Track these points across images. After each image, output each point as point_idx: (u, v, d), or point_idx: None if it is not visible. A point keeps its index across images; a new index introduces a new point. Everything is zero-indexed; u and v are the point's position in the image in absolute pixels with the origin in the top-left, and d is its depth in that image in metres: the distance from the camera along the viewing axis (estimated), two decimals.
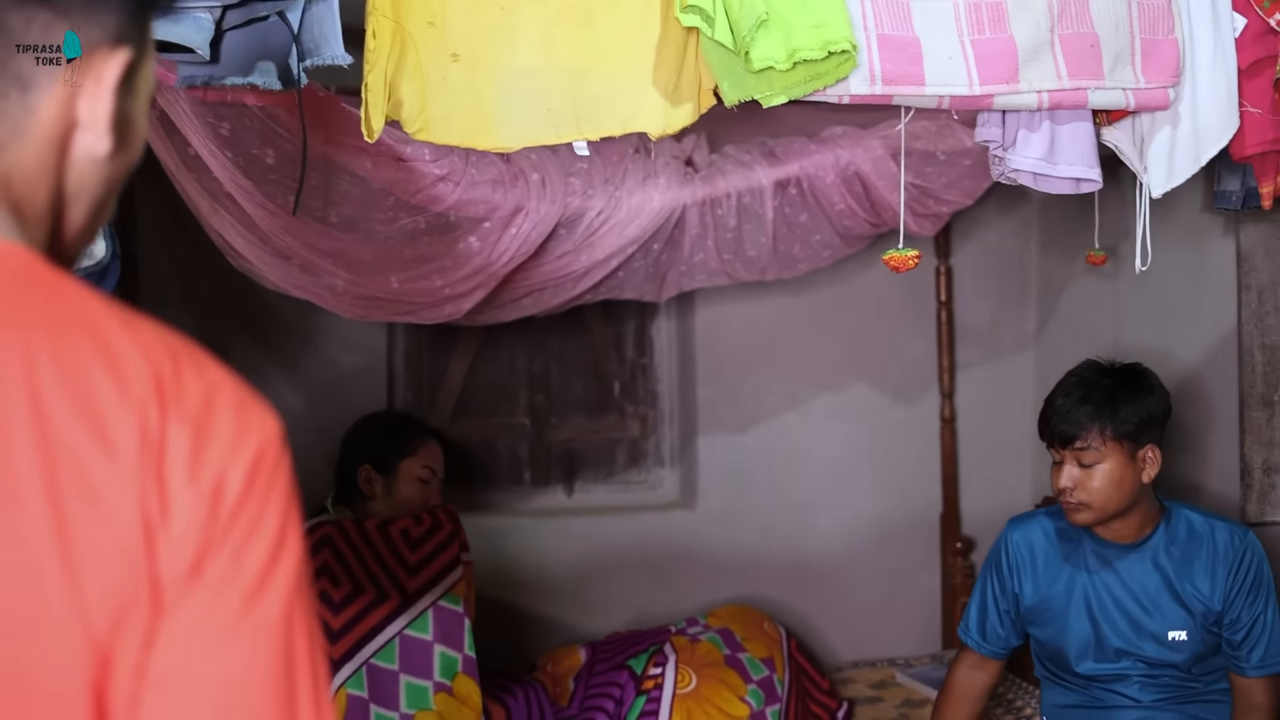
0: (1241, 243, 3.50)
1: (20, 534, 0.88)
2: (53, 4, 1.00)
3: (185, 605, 0.92)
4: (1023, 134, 2.63)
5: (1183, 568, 2.94)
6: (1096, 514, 2.88)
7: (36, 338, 0.92)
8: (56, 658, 0.88)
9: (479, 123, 2.45)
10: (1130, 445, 2.84)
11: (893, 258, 2.65)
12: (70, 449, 0.90)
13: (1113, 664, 2.99)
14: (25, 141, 1.02)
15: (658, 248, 3.56)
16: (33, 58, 1.00)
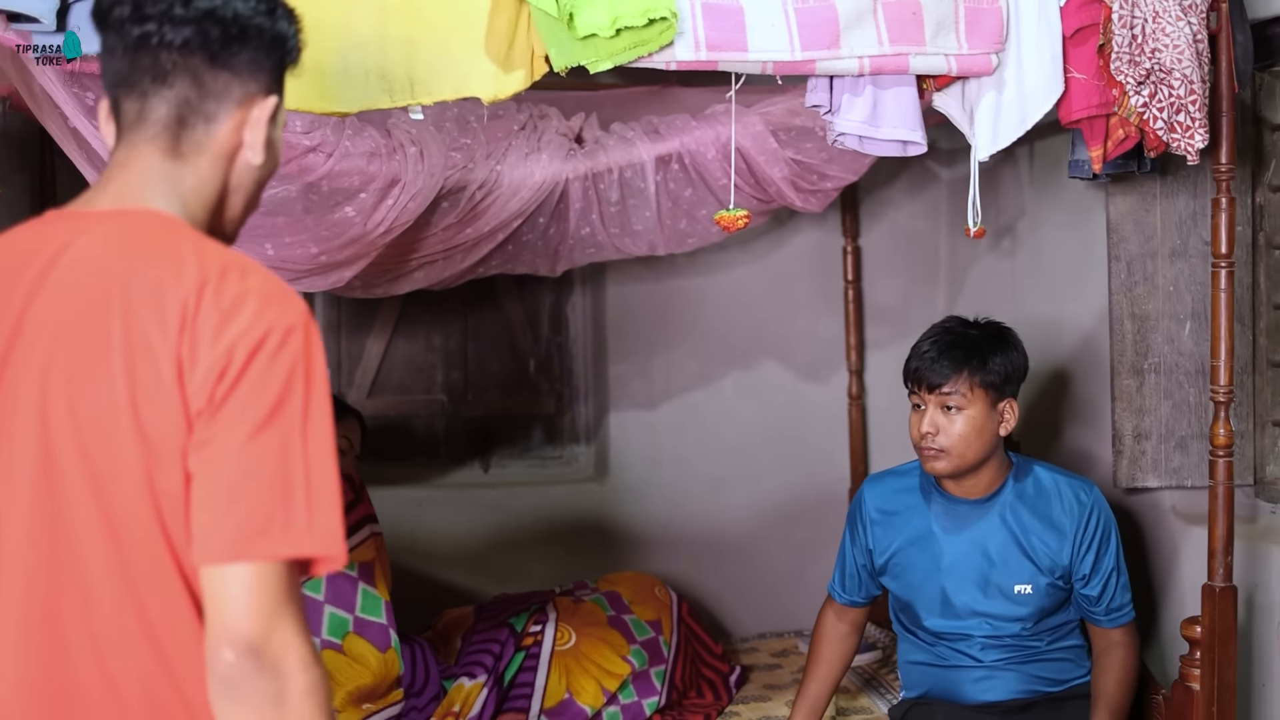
0: (1110, 215, 3.59)
1: (108, 375, 1.47)
2: (232, 69, 1.61)
3: (207, 429, 1.45)
4: (846, 98, 2.73)
5: (1030, 523, 3.05)
6: (954, 462, 2.99)
7: (141, 257, 1.50)
8: (126, 452, 1.46)
9: (317, 90, 2.56)
10: (994, 395, 2.99)
11: (723, 218, 2.76)
12: (140, 325, 1.46)
13: (959, 621, 3.10)
14: (204, 160, 1.62)
15: (543, 221, 3.66)
16: (217, 104, 1.62)
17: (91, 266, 1.52)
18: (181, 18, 1.56)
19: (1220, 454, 2.96)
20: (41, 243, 1.57)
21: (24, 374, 1.50)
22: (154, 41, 1.57)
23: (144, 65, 1.59)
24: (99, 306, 1.48)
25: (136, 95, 1.60)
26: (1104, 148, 2.89)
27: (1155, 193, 3.58)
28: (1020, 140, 4.23)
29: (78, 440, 1.47)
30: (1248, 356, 3.55)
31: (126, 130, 1.63)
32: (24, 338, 1.51)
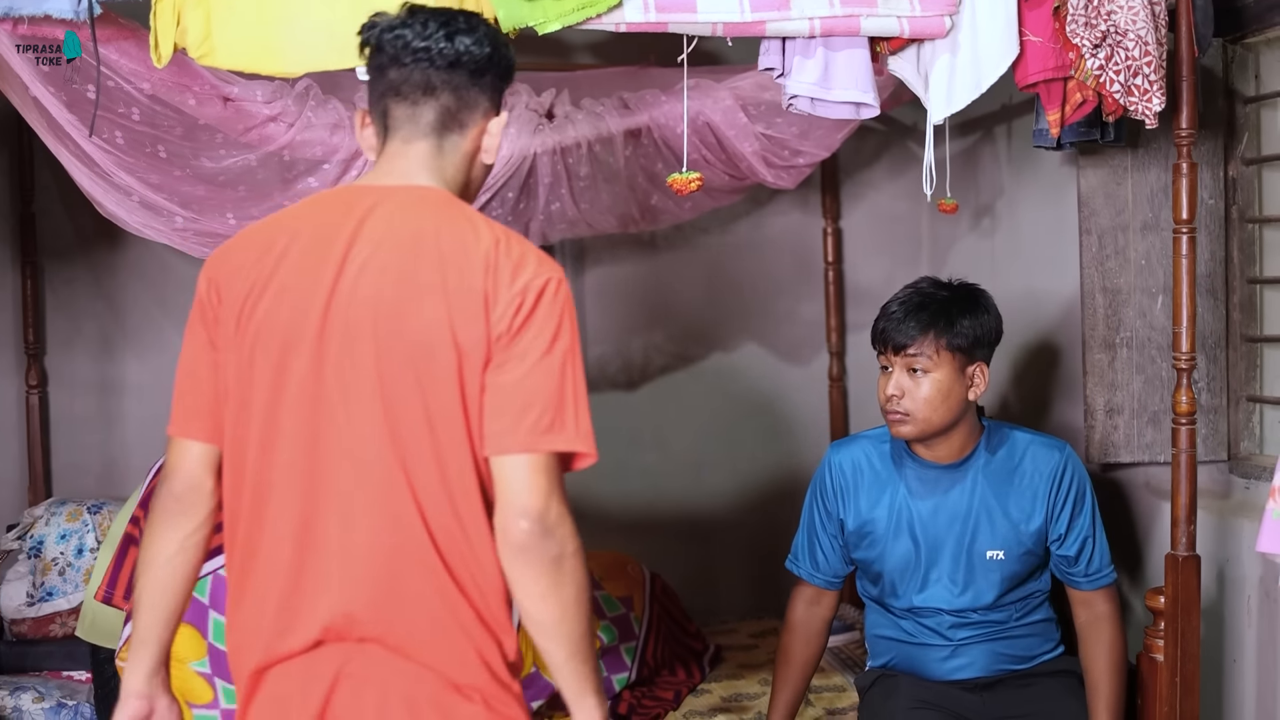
0: (1081, 188, 3.57)
1: (434, 303, 1.92)
2: (480, 88, 2.09)
3: (504, 353, 1.91)
4: (798, 60, 2.73)
5: (1003, 486, 3.00)
6: (919, 426, 2.93)
7: (443, 218, 1.99)
8: (445, 362, 1.91)
9: (264, 49, 2.56)
10: (962, 359, 2.92)
11: (675, 180, 2.75)
12: (457, 267, 1.92)
13: (928, 592, 3.05)
14: (457, 156, 2.10)
15: (513, 196, 3.67)
16: (469, 115, 2.10)
17: (403, 222, 1.98)
18: (448, 50, 2.04)
19: (1183, 422, 2.94)
20: (353, 201, 2.03)
21: (355, 300, 1.94)
22: (425, 64, 2.04)
23: (415, 81, 2.05)
24: (416, 252, 1.95)
25: (408, 103, 2.07)
26: (1061, 112, 2.87)
27: (1126, 166, 3.56)
28: (997, 118, 4.28)
29: (406, 352, 1.92)
30: (1221, 331, 3.52)
31: (398, 129, 2.09)
32: (349, 271, 1.95)
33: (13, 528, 3.79)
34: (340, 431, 1.93)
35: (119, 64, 2.83)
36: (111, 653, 3.20)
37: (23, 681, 3.44)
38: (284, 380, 1.95)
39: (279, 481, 1.95)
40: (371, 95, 2.13)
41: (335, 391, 1.94)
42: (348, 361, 1.94)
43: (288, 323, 1.95)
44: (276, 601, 1.94)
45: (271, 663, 1.95)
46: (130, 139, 3.00)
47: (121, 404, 4.24)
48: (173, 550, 2.04)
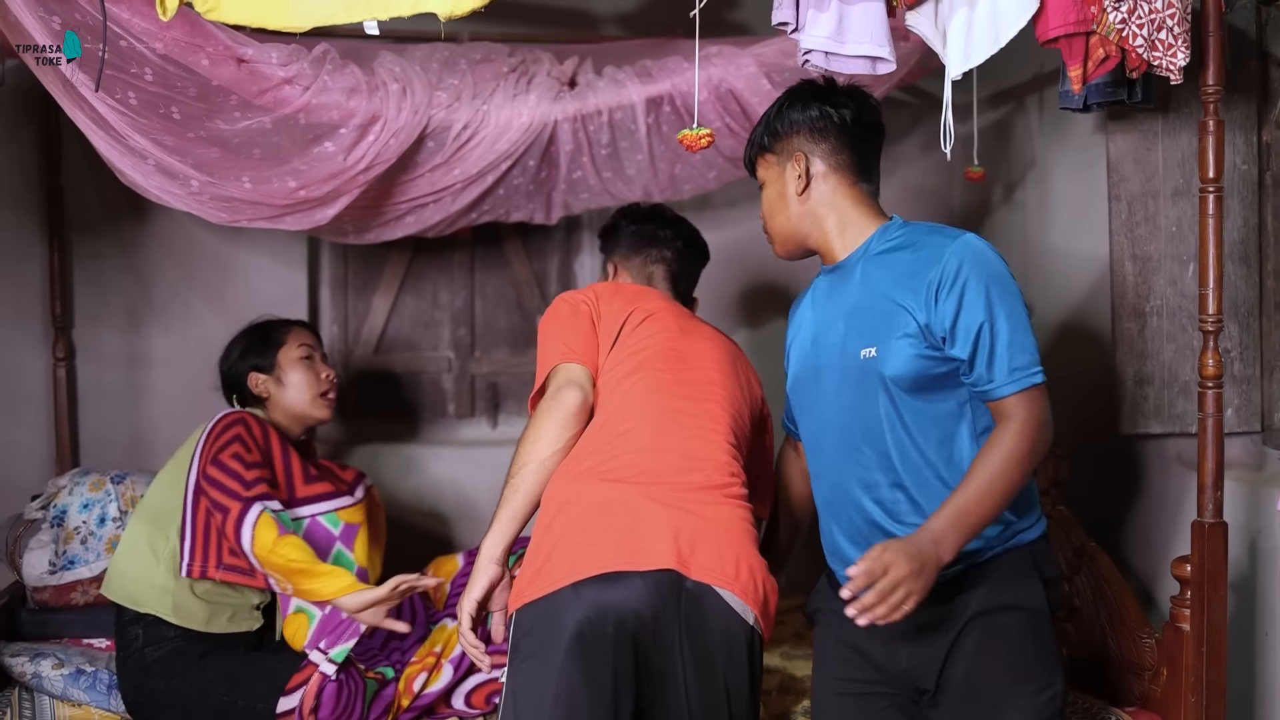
0: (1111, 154, 3.51)
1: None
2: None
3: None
4: (812, 14, 2.69)
5: (884, 274, 2.51)
6: (778, 243, 2.72)
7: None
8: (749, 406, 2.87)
9: (270, 4, 2.54)
10: (774, 159, 2.67)
11: (685, 136, 2.72)
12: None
13: (819, 413, 2.62)
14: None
15: (533, 164, 3.63)
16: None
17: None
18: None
19: (1209, 385, 2.87)
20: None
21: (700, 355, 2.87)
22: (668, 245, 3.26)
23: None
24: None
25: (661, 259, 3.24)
26: (1083, 68, 2.81)
27: (1157, 131, 3.50)
28: (1029, 88, 4.22)
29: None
30: (1254, 299, 3.45)
31: (659, 272, 3.26)
32: (691, 337, 2.92)
33: (37, 497, 3.80)
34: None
35: (130, 23, 2.83)
36: (136, 615, 3.21)
37: (43, 648, 3.44)
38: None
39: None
40: (637, 257, 3.27)
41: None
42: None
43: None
44: None
45: None
46: (143, 100, 2.99)
47: (148, 377, 4.25)
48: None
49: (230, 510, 3.12)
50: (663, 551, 2.41)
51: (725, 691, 2.46)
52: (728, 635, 2.45)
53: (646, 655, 2.42)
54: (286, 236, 4.17)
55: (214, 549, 3.21)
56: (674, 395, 2.70)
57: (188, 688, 3.15)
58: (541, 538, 2.49)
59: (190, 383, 4.22)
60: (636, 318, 2.84)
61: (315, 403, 3.50)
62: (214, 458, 3.20)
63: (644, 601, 2.39)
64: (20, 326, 4.14)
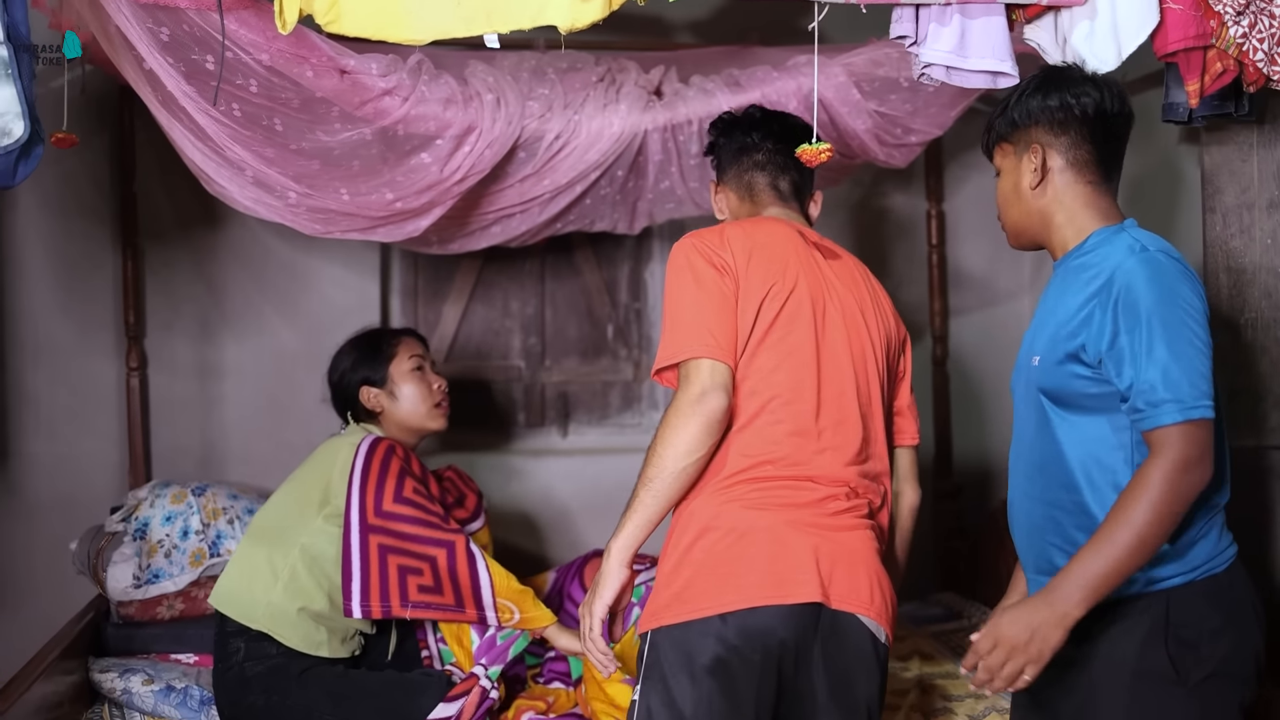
0: (1206, 166, 3.47)
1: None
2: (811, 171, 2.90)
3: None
4: (933, 28, 2.66)
5: (1068, 281, 2.41)
6: (1010, 234, 2.58)
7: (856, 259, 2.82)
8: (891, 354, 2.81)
9: (390, 16, 2.53)
10: (1012, 148, 2.52)
11: (805, 151, 2.69)
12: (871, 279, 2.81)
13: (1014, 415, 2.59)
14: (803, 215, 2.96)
15: (622, 174, 3.61)
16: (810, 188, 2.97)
17: (847, 258, 2.86)
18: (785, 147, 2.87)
19: None
20: (796, 233, 2.75)
21: (853, 304, 2.70)
22: (771, 150, 2.92)
23: (776, 161, 2.91)
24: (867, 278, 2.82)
25: (771, 176, 2.91)
26: (1200, 83, 2.79)
27: (1252, 142, 3.45)
28: None
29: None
30: None
31: (768, 189, 2.92)
32: (838, 285, 2.70)
33: (117, 509, 3.77)
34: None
35: (238, 34, 2.80)
36: (240, 628, 3.18)
37: (131, 664, 3.42)
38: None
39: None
40: (731, 167, 2.95)
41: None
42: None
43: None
44: None
45: None
46: (247, 112, 2.97)
47: (221, 387, 4.22)
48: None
49: (447, 547, 3.15)
50: (807, 583, 2.39)
51: (863, 704, 2.48)
52: (863, 654, 2.46)
53: (788, 677, 2.41)
54: (359, 245, 4.14)
55: (395, 587, 3.14)
56: (817, 417, 2.57)
57: (289, 704, 3.12)
58: (680, 562, 2.46)
59: (263, 392, 4.20)
60: (776, 298, 2.56)
61: (431, 414, 3.48)
62: (398, 495, 3.17)
63: (789, 631, 2.38)
64: (93, 336, 4.11)
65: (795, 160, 2.77)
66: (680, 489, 2.49)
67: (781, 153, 2.84)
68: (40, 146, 2.48)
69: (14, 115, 2.39)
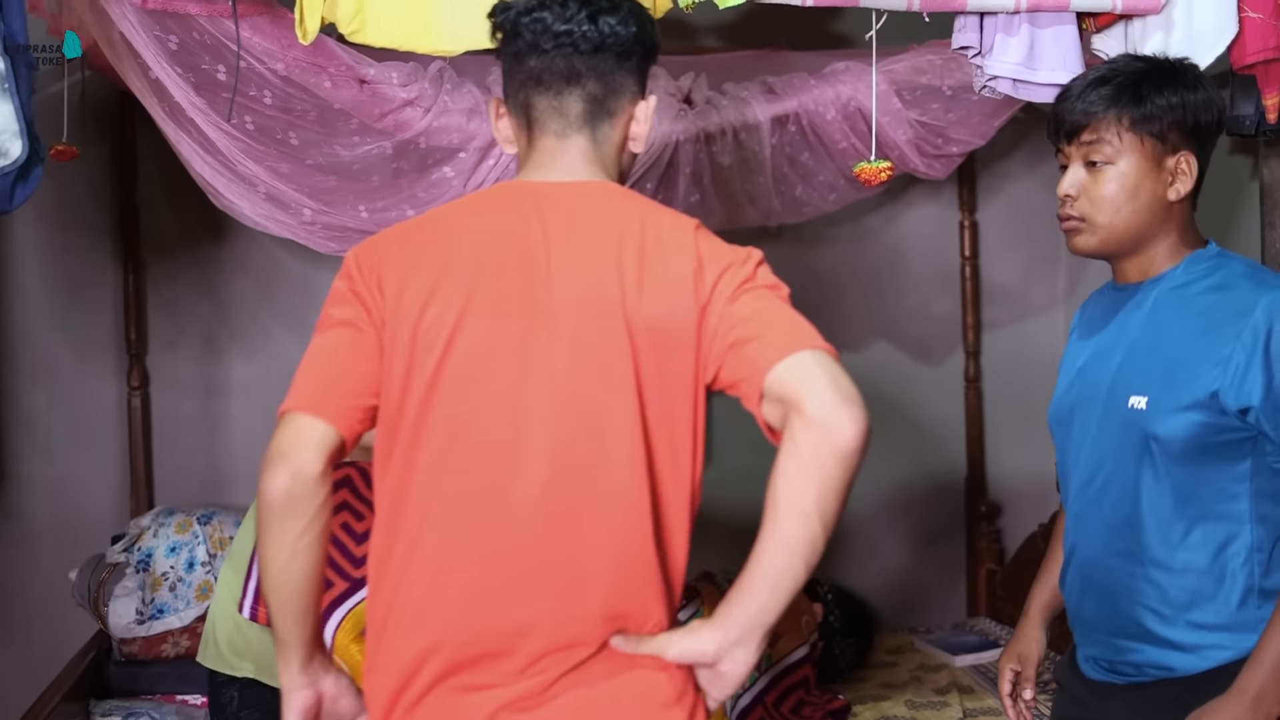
0: (1265, 179, 3.31)
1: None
2: (627, 71, 1.87)
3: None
4: (1000, 38, 2.50)
5: (1180, 315, 2.10)
6: (1101, 235, 2.15)
7: (641, 209, 1.81)
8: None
9: (417, 25, 2.38)
10: (1155, 145, 2.10)
11: (864, 170, 2.53)
12: (654, 240, 1.75)
13: (1071, 454, 2.27)
14: (610, 147, 1.89)
15: (651, 187, 3.43)
16: (616, 102, 1.87)
17: (594, 219, 1.79)
18: (592, 33, 1.82)
19: None
20: (525, 202, 1.83)
21: (587, 292, 1.75)
22: (569, 50, 1.83)
23: (558, 69, 1.85)
24: (615, 243, 1.77)
25: (552, 94, 1.87)
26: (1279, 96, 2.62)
27: None
28: None
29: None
30: None
31: (546, 122, 1.88)
32: (563, 269, 1.76)
33: (119, 539, 3.59)
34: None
35: (252, 42, 2.63)
36: (229, 677, 3.00)
37: (135, 706, 3.24)
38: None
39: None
40: (508, 84, 1.91)
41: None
42: (599, 370, 1.75)
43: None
44: None
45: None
46: (261, 125, 2.79)
47: (226, 406, 4.04)
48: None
49: (329, 585, 2.89)
50: None
51: None
52: None
53: None
54: None
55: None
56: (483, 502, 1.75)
57: None
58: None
59: (270, 412, 3.96)
60: (430, 349, 1.75)
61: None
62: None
63: None
64: (93, 354, 3.93)
65: (601, 62, 1.85)
66: (287, 604, 1.75)
67: (571, 49, 1.84)
68: (39, 167, 2.30)
69: (11, 134, 2.20)
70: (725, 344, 1.73)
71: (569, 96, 1.86)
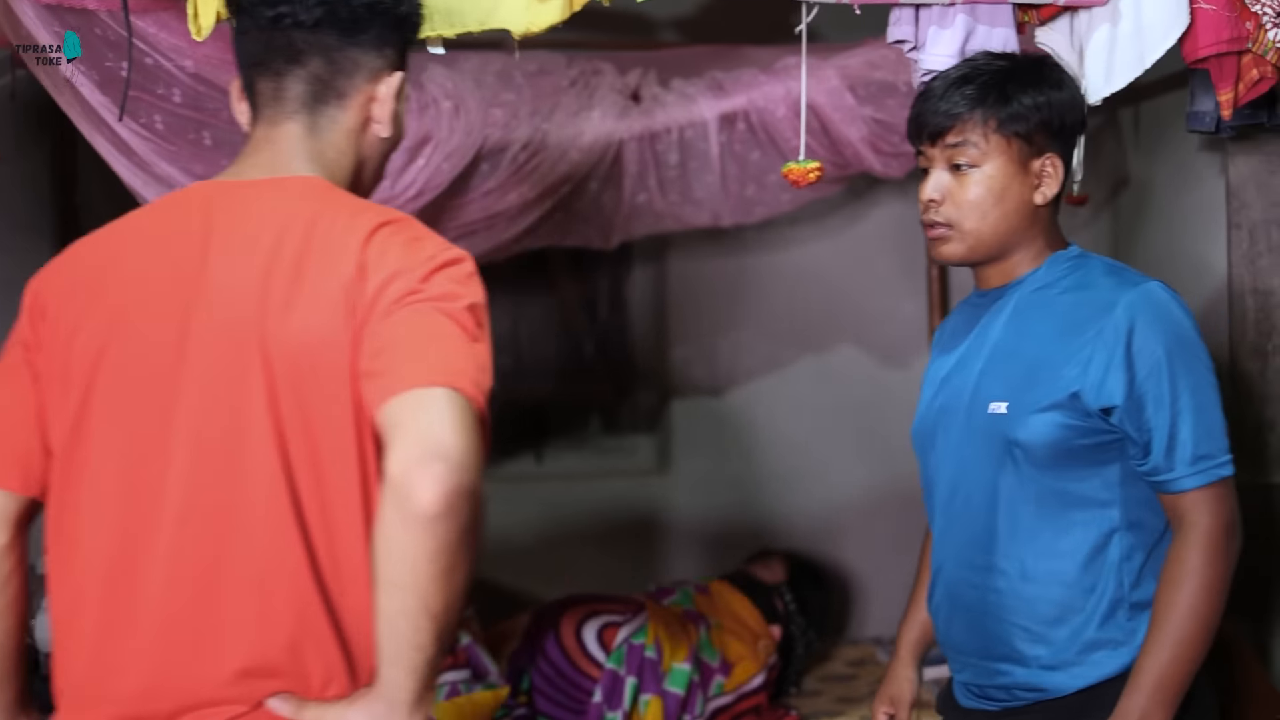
0: (1231, 177, 3.19)
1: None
2: (360, 46, 1.71)
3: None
4: (934, 30, 2.38)
5: (1042, 318, 2.03)
6: (969, 242, 2.06)
7: (318, 208, 1.62)
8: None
9: None
10: (1022, 147, 2.05)
11: (792, 170, 2.40)
12: (320, 246, 1.58)
13: (932, 477, 2.23)
14: (337, 134, 1.72)
15: (595, 187, 3.33)
16: (347, 82, 1.72)
17: (256, 227, 1.61)
18: (313, 4, 1.66)
19: None
20: (196, 210, 1.65)
21: (224, 314, 1.57)
22: (287, 22, 1.67)
23: (277, 45, 1.69)
24: (269, 255, 1.58)
25: (271, 75, 1.71)
26: (1235, 91, 2.50)
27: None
28: (1122, 100, 3.87)
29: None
30: None
31: (264, 108, 1.72)
32: (209, 289, 1.58)
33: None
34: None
35: (157, 38, 2.52)
36: None
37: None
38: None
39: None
40: (239, 64, 1.77)
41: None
42: (238, 386, 1.57)
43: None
44: None
45: None
46: (171, 124, 2.68)
47: None
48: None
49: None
50: None
51: None
52: None
53: None
54: None
55: None
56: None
57: None
58: None
59: None
60: (76, 364, 1.62)
61: None
62: None
63: None
64: None
65: (325, 36, 1.70)
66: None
67: (291, 23, 1.69)
68: None
69: None
70: (361, 374, 1.54)
71: (289, 77, 1.70)
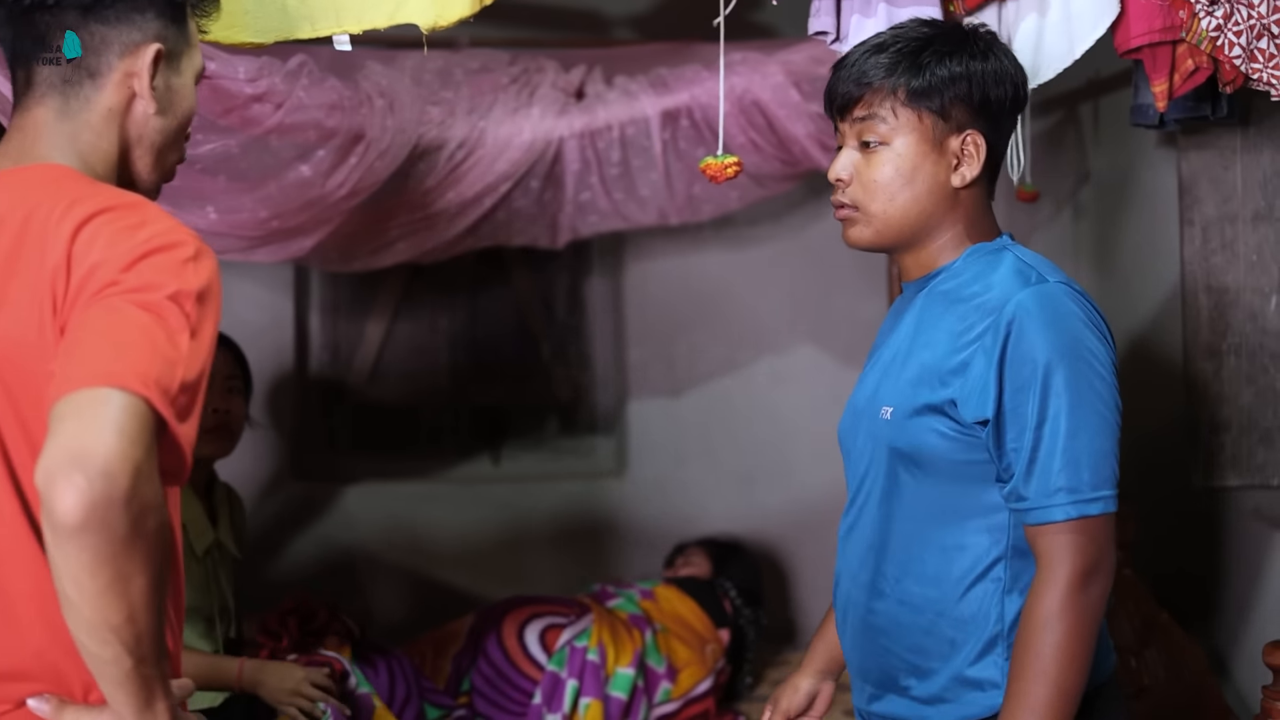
0: (1184, 173, 3.13)
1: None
2: (106, 22, 1.61)
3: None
4: (856, 20, 2.33)
5: (934, 313, 1.87)
6: (875, 226, 1.89)
7: (39, 198, 1.50)
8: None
9: (228, 16, 2.21)
10: (935, 122, 1.85)
11: (710, 165, 2.35)
12: (35, 240, 1.47)
13: (847, 476, 2.02)
14: (93, 115, 1.62)
15: (537, 185, 3.28)
16: (98, 59, 1.61)
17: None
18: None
19: None
20: None
21: None
22: (28, 4, 1.60)
23: (24, 31, 1.62)
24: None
25: (23, 61, 1.64)
26: (1169, 82, 2.44)
27: (1235, 147, 3.11)
28: (1081, 95, 3.84)
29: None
30: None
31: (19, 96, 1.66)
32: None
33: None
34: None
35: None
36: None
37: None
38: None
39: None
40: (5, 57, 1.70)
41: None
42: None
43: None
44: None
45: None
46: None
47: None
48: None
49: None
50: None
51: None
52: None
53: None
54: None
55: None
56: None
57: None
58: None
59: None
60: None
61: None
62: None
63: None
64: None
65: (66, 15, 1.62)
66: None
67: (36, 6, 1.62)
68: None
69: None
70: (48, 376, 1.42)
71: (38, 61, 1.62)
